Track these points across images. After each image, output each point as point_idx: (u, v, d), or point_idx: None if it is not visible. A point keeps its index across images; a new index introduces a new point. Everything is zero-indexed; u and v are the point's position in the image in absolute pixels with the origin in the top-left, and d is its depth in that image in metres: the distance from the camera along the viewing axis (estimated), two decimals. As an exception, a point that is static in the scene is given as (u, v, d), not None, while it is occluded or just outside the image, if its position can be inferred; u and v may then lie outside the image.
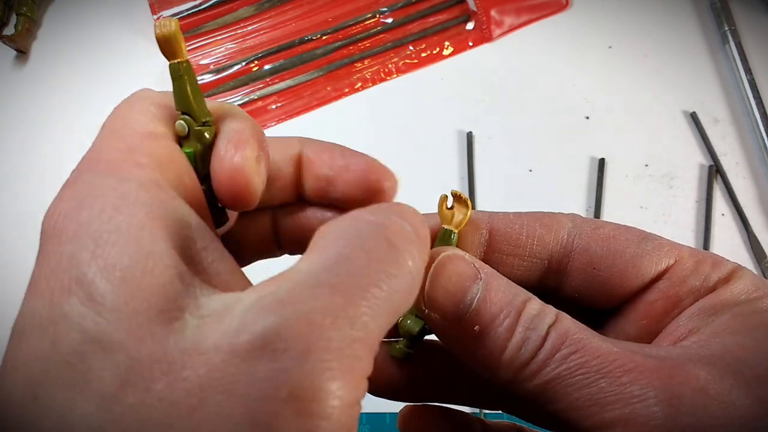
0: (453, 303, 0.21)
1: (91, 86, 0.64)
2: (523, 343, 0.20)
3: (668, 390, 0.18)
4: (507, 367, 0.21)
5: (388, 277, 0.17)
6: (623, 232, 0.24)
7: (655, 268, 0.23)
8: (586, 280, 0.24)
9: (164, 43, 0.21)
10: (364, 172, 0.24)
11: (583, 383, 0.19)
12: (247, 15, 0.65)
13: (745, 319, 0.21)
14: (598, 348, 0.20)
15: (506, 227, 0.25)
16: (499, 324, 0.21)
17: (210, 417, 0.15)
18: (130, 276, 0.16)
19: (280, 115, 0.63)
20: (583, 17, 0.66)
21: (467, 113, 0.63)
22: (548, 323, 0.21)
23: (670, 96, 0.63)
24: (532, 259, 0.25)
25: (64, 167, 0.21)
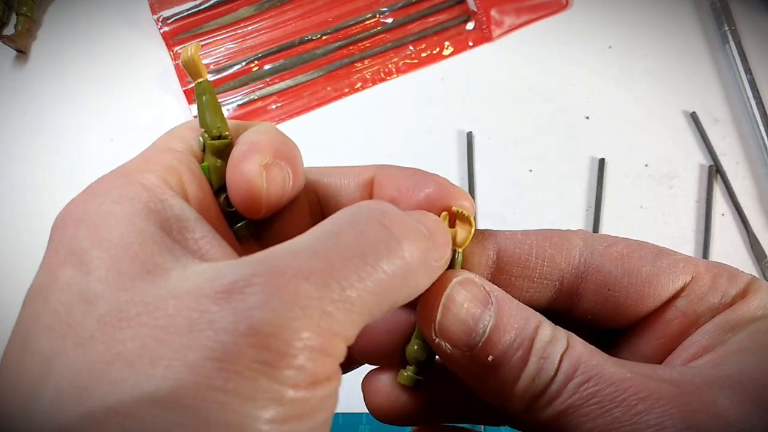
0: (465, 332, 0.21)
1: (91, 86, 0.64)
2: (536, 373, 0.20)
3: (686, 418, 0.18)
4: (520, 398, 0.20)
5: (377, 254, 0.17)
6: (637, 249, 0.23)
7: (672, 285, 0.23)
8: (599, 302, 0.23)
9: (186, 66, 0.23)
10: (430, 195, 0.23)
11: (596, 413, 0.19)
12: (247, 15, 0.65)
13: (761, 337, 0.21)
14: (612, 375, 0.19)
15: (514, 248, 0.23)
16: (513, 354, 0.20)
17: (174, 349, 0.15)
18: (119, 246, 0.18)
19: (280, 115, 0.63)
20: (583, 17, 0.66)
21: (467, 113, 0.63)
22: (561, 350, 0.20)
23: (670, 96, 0.63)
24: (542, 281, 0.23)
25: (64, 166, 0.22)
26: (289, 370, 0.15)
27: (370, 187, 0.25)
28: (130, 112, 0.63)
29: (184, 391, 0.15)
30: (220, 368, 0.15)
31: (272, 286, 0.16)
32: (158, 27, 0.65)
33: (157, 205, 0.19)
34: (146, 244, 0.18)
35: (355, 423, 0.53)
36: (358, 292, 0.17)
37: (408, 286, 0.19)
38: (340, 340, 0.17)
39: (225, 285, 0.16)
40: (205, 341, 0.15)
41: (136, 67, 0.64)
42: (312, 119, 0.63)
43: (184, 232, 0.19)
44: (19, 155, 0.62)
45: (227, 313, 0.16)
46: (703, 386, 0.19)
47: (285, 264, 0.16)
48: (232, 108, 0.63)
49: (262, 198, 0.22)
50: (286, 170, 0.23)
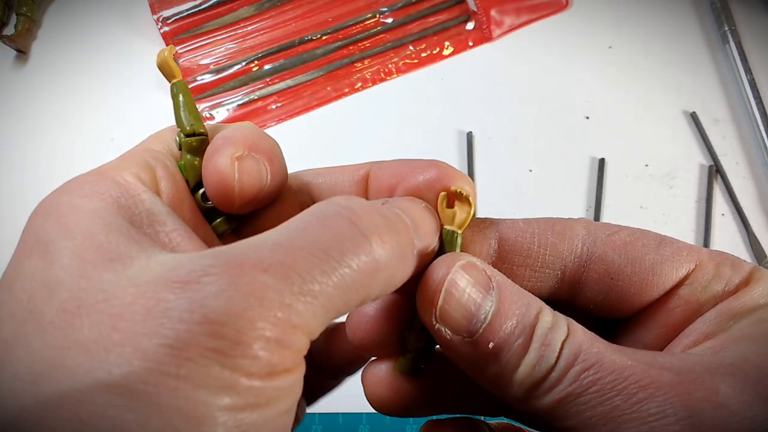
0: (466, 318, 0.20)
1: (90, 86, 0.64)
2: (537, 360, 0.20)
3: (687, 407, 0.18)
4: (520, 385, 0.20)
5: (342, 249, 0.17)
6: (639, 237, 0.23)
7: (676, 274, 0.22)
8: (602, 291, 0.23)
9: (160, 68, 0.24)
10: (428, 178, 0.22)
11: (597, 401, 0.18)
12: (247, 15, 0.65)
13: (763, 325, 0.20)
14: (612, 363, 0.19)
15: (516, 236, 0.23)
16: (514, 341, 0.20)
17: (128, 336, 0.16)
18: (84, 236, 0.18)
19: (280, 115, 0.63)
20: (583, 17, 0.66)
21: (467, 113, 0.63)
22: (562, 337, 0.20)
23: (670, 96, 0.63)
24: (544, 270, 0.23)
25: (64, 166, 0.22)
26: (243, 359, 0.15)
27: (365, 183, 0.25)
28: (130, 112, 0.63)
29: (136, 377, 0.15)
30: (173, 354, 0.15)
31: (229, 276, 0.16)
32: (158, 27, 0.65)
33: (128, 200, 0.20)
34: (112, 234, 0.18)
35: (355, 423, 0.53)
36: (320, 286, 0.17)
37: (379, 281, 0.18)
38: (300, 333, 0.17)
39: (182, 275, 0.16)
40: (158, 328, 0.15)
41: (136, 67, 0.64)
42: (312, 119, 0.63)
43: (155, 226, 0.20)
44: (19, 155, 0.62)
45: (182, 301, 0.16)
46: (704, 374, 0.18)
47: (244, 255, 0.17)
48: (232, 108, 0.63)
49: (235, 189, 0.22)
50: (262, 163, 0.23)
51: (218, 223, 0.24)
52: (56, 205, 0.20)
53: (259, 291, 0.16)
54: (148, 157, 0.22)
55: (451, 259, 0.21)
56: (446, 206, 0.22)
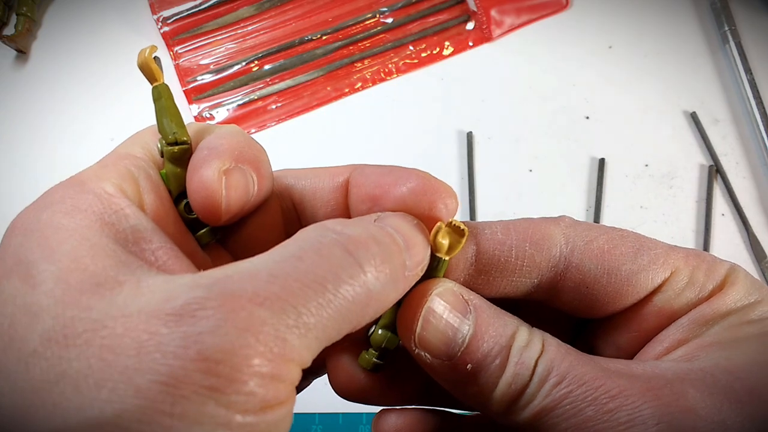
0: (445, 343, 0.21)
1: (91, 86, 0.64)
2: (513, 379, 0.20)
3: (656, 414, 0.18)
4: (499, 402, 0.21)
5: (337, 280, 0.17)
6: (618, 244, 0.23)
7: (651, 283, 0.22)
8: (577, 297, 0.23)
9: (141, 69, 0.23)
10: (413, 188, 0.22)
11: (570, 413, 0.19)
12: (247, 15, 0.65)
13: (734, 330, 0.21)
14: (583, 375, 0.19)
15: (494, 249, 0.23)
16: (491, 361, 0.21)
17: (119, 371, 0.15)
18: (69, 258, 0.17)
19: (280, 115, 0.63)
20: (583, 17, 0.66)
21: (467, 113, 0.63)
22: (536, 355, 0.20)
23: (670, 96, 0.63)
24: (521, 279, 0.23)
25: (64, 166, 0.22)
26: (238, 395, 0.15)
27: (346, 189, 0.25)
28: (130, 112, 0.63)
29: (129, 415, 0.15)
30: (167, 392, 0.15)
31: (225, 310, 0.16)
32: (158, 27, 0.65)
33: (111, 216, 0.19)
34: (98, 257, 0.17)
35: (355, 423, 0.53)
36: (316, 318, 0.17)
37: (371, 308, 0.19)
38: (294, 365, 0.17)
39: (176, 307, 0.16)
40: (151, 364, 0.15)
41: (135, 67, 0.64)
42: (312, 119, 0.63)
43: (141, 243, 0.19)
44: (19, 155, 0.62)
45: (177, 336, 0.15)
46: (674, 380, 0.19)
47: (240, 288, 0.16)
48: (232, 108, 0.63)
49: (222, 204, 0.21)
50: (249, 174, 0.22)
51: (202, 234, 0.23)
52: (37, 222, 0.18)
53: (256, 326, 0.16)
54: (129, 165, 0.21)
55: (429, 286, 0.22)
56: (440, 238, 0.22)
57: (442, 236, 0.22)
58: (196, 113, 0.62)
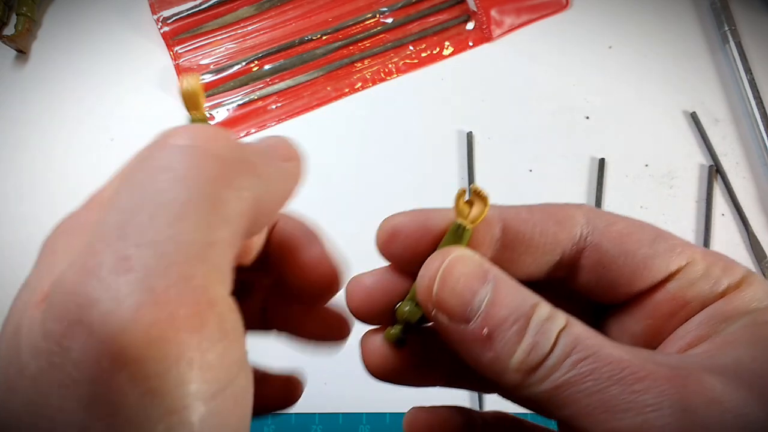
0: (461, 305, 0.21)
1: (90, 86, 0.64)
2: (532, 347, 0.20)
3: (682, 399, 0.18)
4: (515, 371, 0.20)
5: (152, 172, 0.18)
6: (636, 230, 0.24)
7: (666, 269, 0.23)
8: (594, 278, 0.24)
9: (188, 98, 0.23)
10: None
11: (593, 389, 0.19)
12: (247, 15, 0.65)
13: (757, 329, 0.21)
14: (610, 355, 0.19)
15: (520, 225, 0.24)
16: (508, 327, 0.20)
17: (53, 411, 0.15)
18: None
19: (280, 115, 0.63)
20: (583, 17, 0.66)
21: (467, 113, 0.63)
22: (558, 327, 0.20)
23: (670, 96, 0.63)
24: (544, 257, 0.24)
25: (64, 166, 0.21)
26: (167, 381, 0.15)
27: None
28: (130, 113, 0.63)
29: None
30: None
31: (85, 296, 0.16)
32: (158, 27, 0.65)
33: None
34: None
35: (355, 423, 0.53)
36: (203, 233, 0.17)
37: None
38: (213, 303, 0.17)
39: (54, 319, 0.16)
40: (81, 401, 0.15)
41: (136, 68, 0.65)
42: (312, 119, 0.63)
43: None
44: (19, 155, 0.62)
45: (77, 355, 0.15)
46: (700, 371, 0.19)
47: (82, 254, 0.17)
48: (232, 108, 0.63)
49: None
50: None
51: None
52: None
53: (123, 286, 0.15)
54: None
55: (449, 250, 0.22)
56: (463, 201, 0.23)
57: (464, 201, 0.23)
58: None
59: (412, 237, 0.24)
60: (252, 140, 0.21)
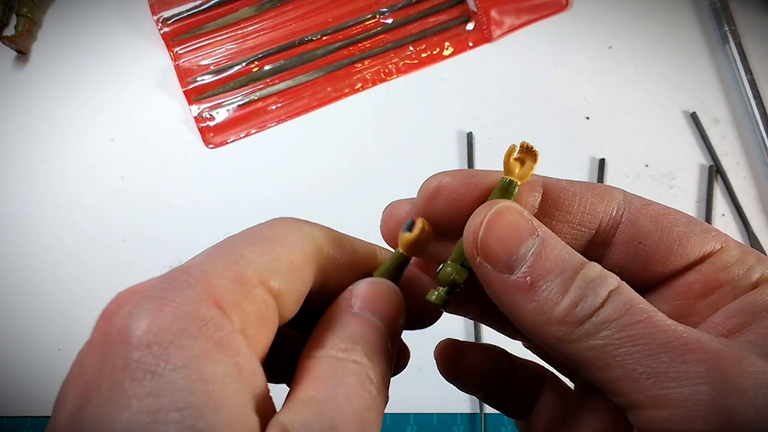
0: (506, 253, 0.21)
1: (91, 87, 0.64)
2: (579, 300, 0.20)
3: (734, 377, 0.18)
4: (558, 323, 0.20)
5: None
6: (672, 212, 0.24)
7: (700, 249, 0.23)
8: (629, 254, 0.24)
9: (416, 243, 0.23)
10: None
11: (644, 353, 0.18)
12: (248, 15, 0.65)
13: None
14: (663, 321, 0.19)
15: (560, 192, 0.24)
16: (552, 278, 0.20)
17: None
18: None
19: (280, 115, 0.63)
20: (583, 17, 0.66)
21: (467, 113, 0.63)
22: (610, 287, 0.20)
23: (670, 96, 0.63)
24: (580, 228, 0.24)
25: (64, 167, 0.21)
26: None
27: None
28: (131, 113, 0.63)
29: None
30: None
31: None
32: (158, 28, 0.65)
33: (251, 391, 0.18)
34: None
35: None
36: None
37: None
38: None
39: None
40: None
41: (136, 68, 0.65)
42: (312, 120, 0.63)
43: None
44: (19, 156, 0.62)
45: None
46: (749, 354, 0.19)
47: None
48: (232, 108, 0.63)
49: None
50: None
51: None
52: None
53: None
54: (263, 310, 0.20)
55: (497, 201, 0.22)
56: (513, 158, 0.23)
57: (515, 160, 0.23)
58: (196, 114, 0.62)
59: (457, 193, 0.24)
60: None
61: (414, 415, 0.54)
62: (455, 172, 0.24)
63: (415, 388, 0.54)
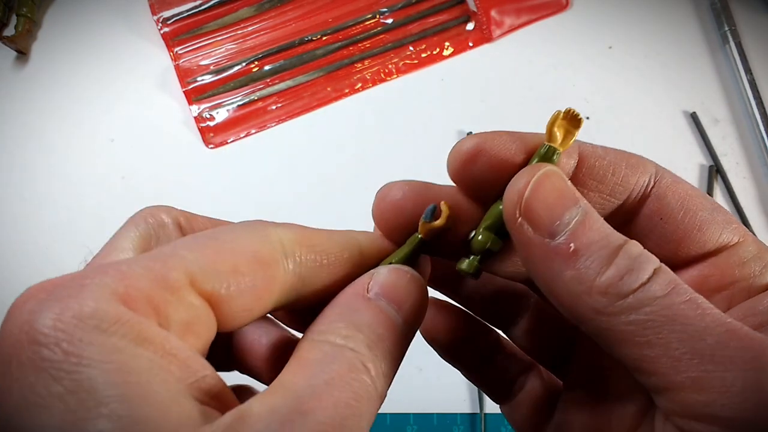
0: (550, 218, 0.20)
1: (91, 87, 0.64)
2: (625, 273, 0.19)
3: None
4: (599, 293, 0.19)
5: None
6: (700, 195, 0.23)
7: (718, 239, 0.22)
8: (647, 229, 0.23)
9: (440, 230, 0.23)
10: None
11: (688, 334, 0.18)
12: (248, 15, 0.65)
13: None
14: (706, 304, 0.18)
15: (595, 161, 0.23)
16: (597, 249, 0.19)
17: None
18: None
19: (280, 115, 0.63)
20: (583, 17, 0.66)
21: (467, 113, 0.63)
22: (655, 265, 0.19)
23: (670, 96, 0.63)
24: (610, 198, 0.23)
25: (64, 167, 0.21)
26: None
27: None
28: (130, 113, 0.63)
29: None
30: None
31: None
32: (158, 28, 0.65)
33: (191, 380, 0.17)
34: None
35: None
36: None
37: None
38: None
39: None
40: None
41: (136, 68, 0.65)
42: (312, 120, 0.63)
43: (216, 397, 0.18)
44: (19, 156, 0.62)
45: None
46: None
47: None
48: (232, 108, 0.63)
49: None
50: None
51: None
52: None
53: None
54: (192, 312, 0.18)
55: (543, 164, 0.21)
56: (557, 126, 0.22)
57: (558, 126, 0.22)
58: (196, 114, 0.62)
59: (497, 158, 0.23)
60: None
61: (414, 415, 0.54)
62: (493, 133, 0.23)
63: (415, 388, 0.54)
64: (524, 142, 0.23)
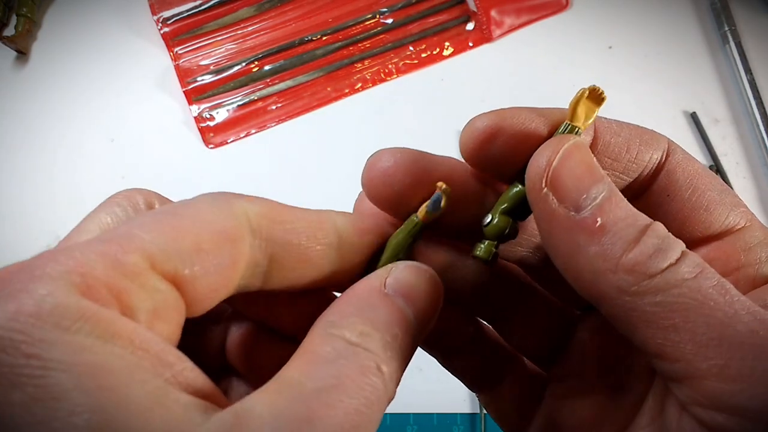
0: (578, 190, 0.19)
1: (91, 87, 0.64)
2: (653, 252, 0.18)
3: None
4: (625, 271, 0.18)
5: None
6: (710, 175, 0.22)
7: (725, 221, 0.22)
8: (654, 204, 0.22)
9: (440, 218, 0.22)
10: None
11: (717, 319, 0.17)
12: (248, 15, 0.65)
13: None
14: (735, 291, 0.18)
15: (610, 138, 0.22)
16: (625, 226, 0.19)
17: None
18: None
19: (280, 115, 0.63)
20: (583, 17, 0.66)
21: (467, 113, 0.62)
22: (682, 247, 0.18)
23: (670, 96, 0.63)
24: (622, 176, 0.22)
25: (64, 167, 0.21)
26: None
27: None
28: (130, 113, 0.63)
29: None
30: None
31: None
32: (158, 28, 0.65)
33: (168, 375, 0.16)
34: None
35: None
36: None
37: None
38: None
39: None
40: None
41: (136, 68, 0.65)
42: (312, 120, 0.63)
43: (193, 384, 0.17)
44: (19, 156, 0.62)
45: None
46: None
47: None
48: (232, 108, 0.63)
49: None
50: None
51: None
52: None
53: None
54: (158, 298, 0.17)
55: (568, 137, 0.21)
56: (581, 105, 0.22)
57: (581, 107, 0.22)
58: (196, 114, 0.62)
59: (520, 134, 0.21)
60: None
61: (414, 415, 0.54)
62: (512, 109, 0.22)
63: (415, 388, 0.54)
64: (547, 117, 0.22)
